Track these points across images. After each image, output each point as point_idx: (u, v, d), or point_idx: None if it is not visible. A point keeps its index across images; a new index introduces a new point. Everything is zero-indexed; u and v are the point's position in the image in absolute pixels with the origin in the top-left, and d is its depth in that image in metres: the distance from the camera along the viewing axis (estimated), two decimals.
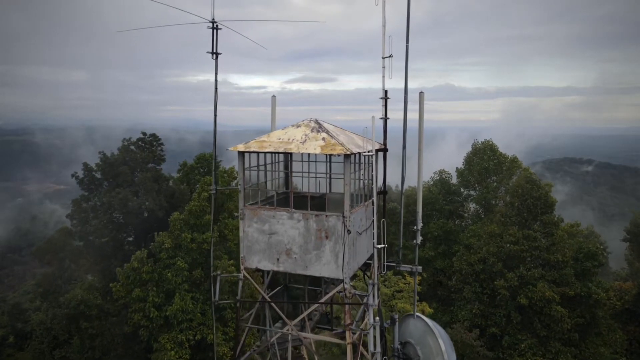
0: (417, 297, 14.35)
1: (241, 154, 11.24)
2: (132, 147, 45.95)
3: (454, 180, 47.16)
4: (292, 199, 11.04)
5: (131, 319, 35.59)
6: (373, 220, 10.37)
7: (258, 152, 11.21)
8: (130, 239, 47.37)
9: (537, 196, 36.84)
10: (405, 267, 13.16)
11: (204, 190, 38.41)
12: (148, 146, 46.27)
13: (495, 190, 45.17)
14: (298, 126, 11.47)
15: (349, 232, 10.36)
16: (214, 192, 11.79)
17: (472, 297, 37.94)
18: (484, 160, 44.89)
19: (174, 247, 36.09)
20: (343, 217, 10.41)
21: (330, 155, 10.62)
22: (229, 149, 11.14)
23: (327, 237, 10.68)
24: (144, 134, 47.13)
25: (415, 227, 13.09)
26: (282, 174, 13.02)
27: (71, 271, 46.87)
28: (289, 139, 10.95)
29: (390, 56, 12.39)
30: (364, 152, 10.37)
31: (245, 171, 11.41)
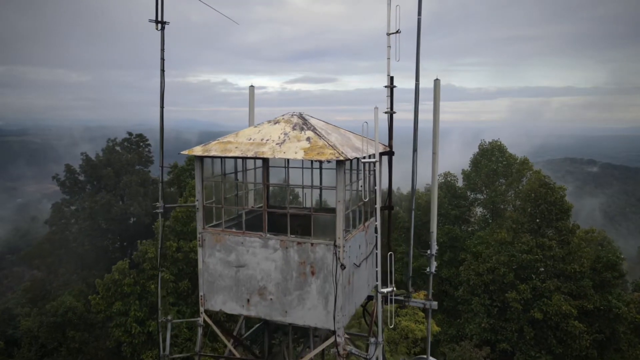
0: (430, 335, 11.61)
1: (199, 159, 8.42)
2: (118, 148, 43.10)
3: (460, 183, 44.25)
4: (267, 220, 8.20)
5: (112, 335, 32.97)
6: (376, 254, 7.56)
7: (221, 157, 8.38)
8: (117, 245, 44.65)
9: (551, 201, 33.95)
10: (417, 303, 10.35)
11: (192, 194, 35.57)
12: (134, 147, 43.39)
13: (504, 193, 42.25)
14: (276, 122, 8.65)
15: (342, 267, 7.55)
16: (161, 210, 8.99)
17: (481, 310, 35.06)
18: (492, 161, 41.98)
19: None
20: (335, 246, 7.60)
21: (319, 161, 7.77)
22: (183, 152, 8.33)
23: (313, 273, 7.85)
24: (130, 134, 44.21)
25: (428, 252, 10.28)
26: (254, 184, 10.18)
27: (58, 277, 44.51)
28: (262, 140, 8.13)
29: (397, 32, 9.59)
30: (365, 159, 7.52)
31: (206, 182, 8.59)
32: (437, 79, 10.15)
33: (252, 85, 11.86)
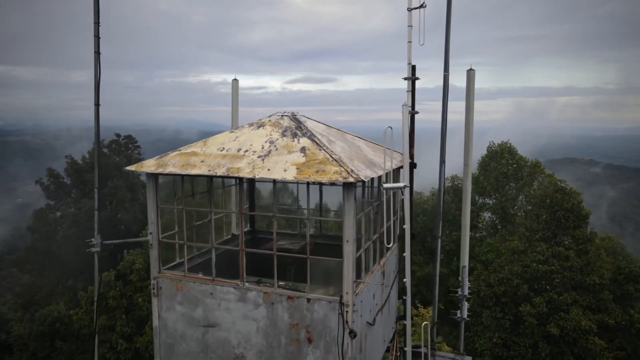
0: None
1: (152, 177, 6.09)
2: (105, 149, 40.75)
3: None
4: (244, 263, 5.86)
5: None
6: (406, 325, 5.24)
7: (182, 175, 6.05)
8: (105, 253, 42.42)
9: (568, 207, 31.60)
10: (445, 358, 8.03)
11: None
12: (123, 149, 41.04)
13: (514, 198, 39.93)
14: (260, 126, 6.33)
15: (353, 335, 5.23)
16: (97, 249, 6.67)
17: (492, 324, 32.68)
18: (502, 164, 39.64)
19: (147, 267, 31.09)
20: (341, 304, 5.27)
21: (319, 183, 5.42)
22: (129, 168, 6.02)
23: (310, 341, 5.53)
24: (118, 135, 41.82)
25: (459, 293, 7.98)
26: (228, 212, 7.82)
27: (42, 288, 42.44)
28: (239, 150, 5.81)
29: (421, 6, 7.28)
30: (389, 184, 5.18)
31: (163, 206, 6.26)
32: (471, 69, 7.84)
33: (235, 79, 9.54)
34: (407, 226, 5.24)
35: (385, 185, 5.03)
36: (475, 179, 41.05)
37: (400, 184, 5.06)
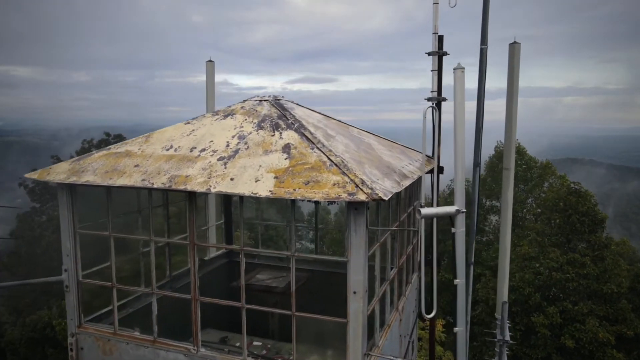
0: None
1: (66, 188, 4.18)
2: (94, 150, 38.85)
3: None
4: (199, 317, 3.93)
5: None
6: None
7: (104, 187, 4.10)
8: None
9: (583, 211, 29.69)
10: None
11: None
12: None
13: (523, 201, 38.07)
14: (228, 114, 4.40)
15: None
16: None
17: None
18: None
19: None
20: None
21: (315, 202, 3.45)
22: (28, 175, 4.14)
23: None
24: (108, 134, 39.78)
25: (497, 338, 6.09)
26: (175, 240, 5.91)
27: (26, 294, 40.72)
28: (192, 149, 3.89)
29: None
30: (430, 209, 3.21)
31: (83, 230, 4.35)
32: (515, 42, 5.90)
33: (210, 60, 7.63)
34: (459, 282, 3.22)
35: (424, 212, 3.03)
36: (482, 180, 39.22)
37: (451, 208, 3.11)
